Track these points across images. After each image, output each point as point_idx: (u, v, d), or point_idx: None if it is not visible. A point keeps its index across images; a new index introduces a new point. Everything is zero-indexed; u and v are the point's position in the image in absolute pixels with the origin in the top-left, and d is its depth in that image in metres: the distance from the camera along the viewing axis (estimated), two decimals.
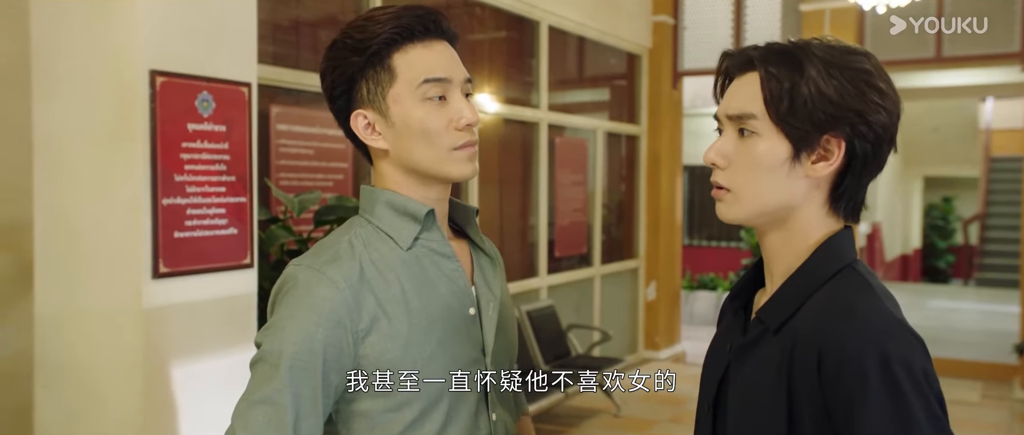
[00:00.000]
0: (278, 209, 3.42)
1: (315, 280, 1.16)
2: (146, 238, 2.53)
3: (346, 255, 1.20)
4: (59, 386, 2.70)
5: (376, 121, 1.24)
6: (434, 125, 1.21)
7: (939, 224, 15.74)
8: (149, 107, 2.52)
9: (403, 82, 1.21)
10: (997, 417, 5.78)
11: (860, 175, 1.07)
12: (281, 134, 3.85)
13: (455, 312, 1.24)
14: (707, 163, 1.12)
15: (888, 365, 0.95)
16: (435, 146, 1.22)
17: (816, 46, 1.06)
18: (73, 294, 2.66)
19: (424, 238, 1.25)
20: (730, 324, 1.19)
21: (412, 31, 1.22)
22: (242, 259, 2.80)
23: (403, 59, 1.21)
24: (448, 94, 1.23)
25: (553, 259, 6.19)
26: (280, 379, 1.10)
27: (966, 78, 9.25)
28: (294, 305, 1.16)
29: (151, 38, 2.54)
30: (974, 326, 9.73)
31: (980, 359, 7.07)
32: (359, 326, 1.16)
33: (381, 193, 1.26)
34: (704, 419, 1.17)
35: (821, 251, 1.07)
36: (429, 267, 1.24)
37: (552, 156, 6.10)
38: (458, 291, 1.25)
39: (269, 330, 1.16)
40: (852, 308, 1.01)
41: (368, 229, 1.24)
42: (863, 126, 1.03)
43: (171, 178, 2.58)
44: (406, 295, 1.20)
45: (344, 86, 1.24)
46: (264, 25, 3.11)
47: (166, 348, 2.58)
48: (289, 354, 1.12)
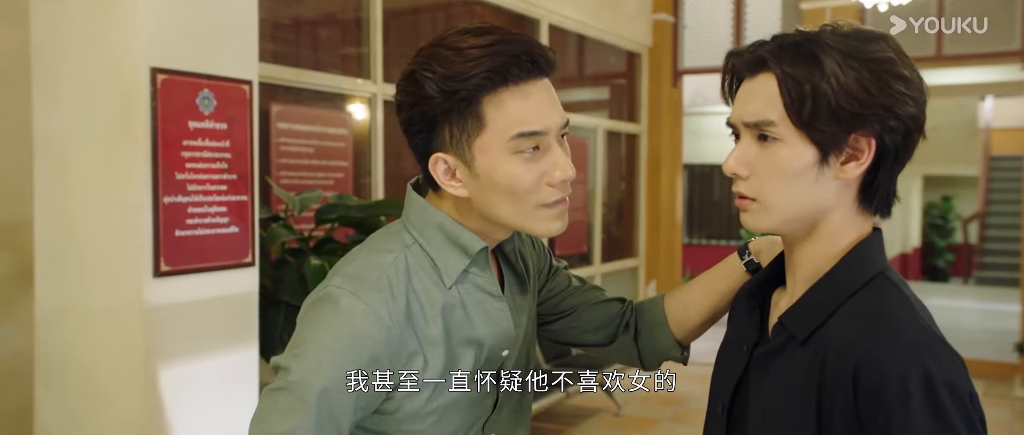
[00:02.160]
0: (279, 207, 3.42)
1: (359, 311, 1.05)
2: (147, 236, 2.53)
3: (393, 283, 1.08)
4: (60, 385, 2.70)
5: (458, 168, 1.10)
6: (524, 182, 1.08)
7: (938, 223, 15.73)
8: (150, 105, 2.52)
9: (493, 132, 1.07)
10: (998, 415, 5.78)
11: (892, 169, 1.00)
12: (282, 132, 3.84)
13: (488, 357, 1.15)
14: (728, 173, 1.04)
15: (932, 386, 0.89)
16: (522, 203, 1.09)
17: (830, 36, 0.98)
18: (74, 293, 2.66)
19: (472, 273, 1.14)
20: (745, 324, 1.13)
21: (508, 74, 1.06)
22: (243, 257, 2.80)
23: (494, 106, 1.06)
24: (543, 145, 1.09)
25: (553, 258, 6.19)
26: (307, 415, 1.01)
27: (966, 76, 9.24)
28: (331, 334, 1.05)
29: (152, 35, 2.54)
30: (974, 325, 9.73)
31: (980, 358, 7.07)
32: (397, 366, 1.07)
33: (436, 214, 1.14)
34: (717, 421, 1.12)
35: (851, 257, 1.02)
36: (472, 307, 1.14)
37: None
38: (499, 334, 1.16)
39: (298, 357, 1.04)
40: (891, 322, 0.95)
41: (415, 251, 1.13)
42: (892, 120, 0.96)
43: (172, 176, 2.58)
44: (447, 339, 1.11)
45: (422, 125, 1.09)
46: (265, 23, 3.11)
47: (167, 347, 2.58)
48: (320, 389, 1.02)
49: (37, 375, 2.73)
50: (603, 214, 6.86)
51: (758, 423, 1.04)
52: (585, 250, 6.65)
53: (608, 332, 1.38)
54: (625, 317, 1.39)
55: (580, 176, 6.51)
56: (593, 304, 1.38)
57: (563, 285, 1.39)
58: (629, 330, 1.38)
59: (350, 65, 4.36)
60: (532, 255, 1.33)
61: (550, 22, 5.90)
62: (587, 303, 1.38)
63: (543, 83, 1.11)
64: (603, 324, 1.38)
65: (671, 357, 1.39)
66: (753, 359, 1.07)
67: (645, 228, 7.34)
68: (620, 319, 1.38)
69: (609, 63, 7.10)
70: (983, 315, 10.49)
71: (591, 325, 1.38)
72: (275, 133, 3.80)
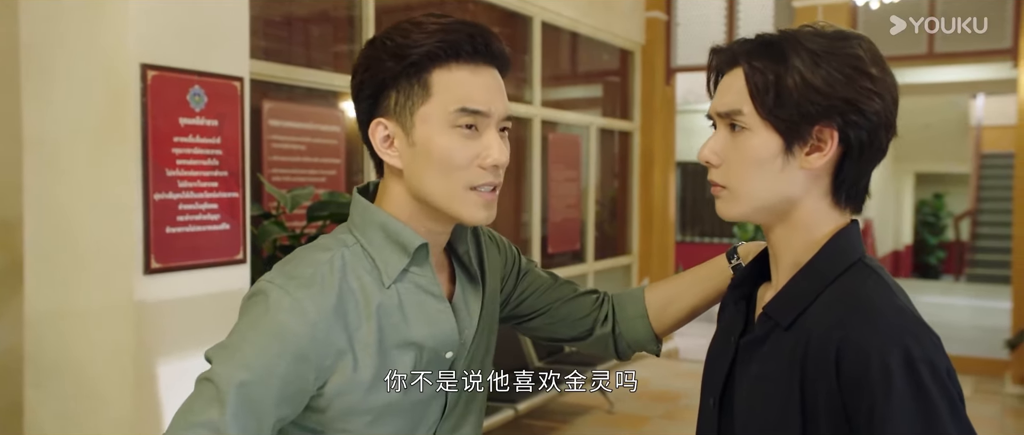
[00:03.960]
0: (271, 205, 3.42)
1: (286, 306, 1.05)
2: (138, 233, 2.52)
3: (325, 280, 1.08)
4: (50, 383, 2.68)
5: (396, 135, 1.12)
6: (458, 158, 1.09)
7: (930, 220, 15.80)
8: (140, 101, 2.51)
9: (437, 103, 1.09)
10: (988, 412, 5.81)
11: (859, 163, 1.04)
12: (273, 130, 3.83)
13: (429, 359, 1.14)
14: (701, 161, 1.10)
15: (912, 365, 0.92)
16: (451, 180, 1.10)
17: (805, 35, 1.03)
18: (64, 290, 2.65)
19: (412, 272, 1.14)
20: (732, 317, 1.16)
21: (460, 49, 1.09)
22: (235, 255, 2.79)
23: (443, 78, 1.09)
24: (481, 127, 1.11)
25: (546, 255, 6.19)
26: (227, 406, 1.01)
27: (958, 74, 9.28)
28: (256, 328, 1.06)
29: (142, 32, 2.53)
30: (965, 322, 9.78)
31: (971, 354, 7.10)
32: (324, 363, 1.07)
33: (377, 213, 1.15)
34: (709, 415, 1.14)
35: (829, 246, 1.05)
36: (410, 307, 1.13)
37: (545, 152, 6.10)
38: (439, 335, 1.15)
39: (225, 349, 1.06)
40: (870, 305, 0.98)
41: (354, 250, 1.13)
42: (854, 115, 1.00)
43: (163, 173, 2.57)
44: (380, 340, 1.10)
45: (372, 89, 1.12)
46: (256, 20, 3.10)
47: (158, 344, 2.57)
48: (240, 381, 1.02)
49: (27, 373, 2.72)
50: (596, 212, 6.86)
51: (745, 410, 1.07)
52: (578, 248, 6.65)
53: (585, 326, 1.39)
54: (603, 309, 1.40)
55: (573, 174, 6.51)
56: (568, 299, 1.39)
57: (536, 283, 1.40)
58: (607, 322, 1.39)
59: (342, 62, 4.35)
60: (497, 258, 1.33)
61: (543, 19, 5.90)
62: (562, 299, 1.39)
63: (494, 72, 1.13)
64: (580, 318, 1.39)
65: (646, 349, 1.41)
66: (739, 349, 1.11)
67: (638, 226, 7.35)
68: (597, 312, 1.40)
69: (602, 60, 7.10)
70: (974, 312, 10.54)
71: (568, 320, 1.39)
72: (267, 130, 3.79)
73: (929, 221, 15.81)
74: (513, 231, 6.00)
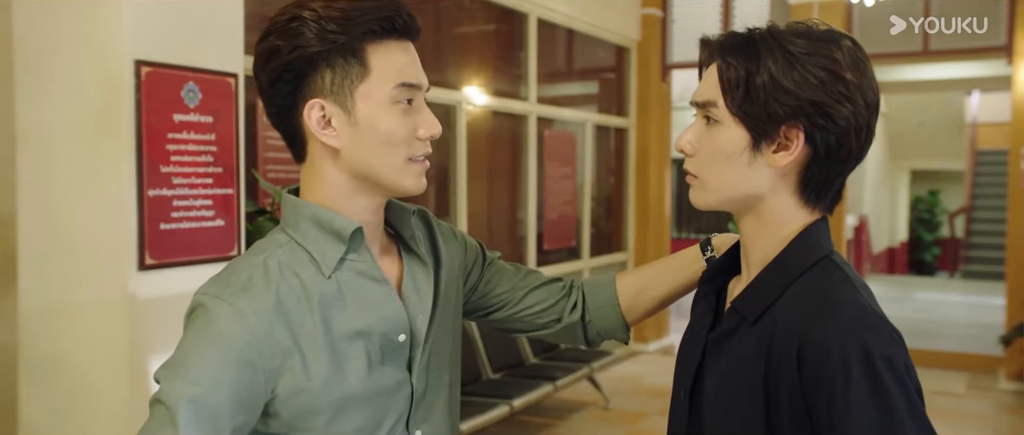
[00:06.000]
0: (265, 201, 3.41)
1: (223, 313, 1.04)
2: (132, 230, 2.51)
3: (259, 282, 1.08)
4: (44, 380, 2.68)
5: (335, 116, 1.10)
6: (401, 132, 1.11)
7: (925, 217, 15.85)
8: (134, 97, 2.50)
9: (377, 80, 1.10)
10: (983, 408, 5.83)
11: (826, 166, 1.05)
12: (268, 126, 3.81)
13: (381, 345, 1.13)
14: (677, 149, 1.12)
15: (870, 360, 0.94)
16: (394, 154, 1.11)
17: (787, 35, 1.04)
18: (58, 287, 2.64)
19: (350, 259, 1.13)
20: (703, 311, 1.18)
21: (392, 25, 1.10)
22: (229, 251, 2.79)
23: (379, 55, 1.10)
24: (416, 101, 1.13)
25: (542, 252, 6.19)
26: (179, 425, 0.99)
27: (952, 72, 9.31)
28: (198, 341, 1.05)
29: (136, 28, 2.52)
30: (960, 318, 9.80)
31: (966, 351, 7.12)
32: (272, 365, 1.06)
33: (307, 207, 1.14)
34: (680, 407, 1.16)
35: (797, 242, 1.07)
36: (353, 295, 1.12)
37: (541, 149, 6.10)
38: (387, 319, 1.14)
39: (171, 367, 1.04)
40: (832, 302, 1.00)
41: (289, 248, 1.13)
42: (821, 118, 1.01)
43: (157, 169, 2.56)
44: (327, 332, 1.09)
45: (298, 70, 1.09)
46: (251, 16, 3.09)
47: (152, 340, 2.57)
48: (189, 397, 1.00)
49: (21, 370, 2.71)
50: (592, 208, 6.87)
51: (712, 403, 1.09)
52: (574, 244, 6.66)
53: (553, 314, 1.38)
54: (572, 297, 1.39)
55: (569, 170, 6.51)
56: (534, 287, 1.38)
57: (502, 272, 1.39)
58: (576, 310, 1.38)
59: None
60: (455, 245, 1.31)
61: (539, 16, 5.89)
62: (527, 287, 1.38)
63: (412, 46, 1.15)
64: (547, 307, 1.38)
65: (615, 337, 1.41)
66: (709, 342, 1.12)
67: (634, 222, 7.35)
68: (565, 300, 1.39)
69: (598, 57, 7.10)
70: (969, 308, 10.57)
71: (535, 309, 1.37)
72: (262, 126, 3.78)
73: (924, 218, 15.86)
74: (509, 228, 6.00)
